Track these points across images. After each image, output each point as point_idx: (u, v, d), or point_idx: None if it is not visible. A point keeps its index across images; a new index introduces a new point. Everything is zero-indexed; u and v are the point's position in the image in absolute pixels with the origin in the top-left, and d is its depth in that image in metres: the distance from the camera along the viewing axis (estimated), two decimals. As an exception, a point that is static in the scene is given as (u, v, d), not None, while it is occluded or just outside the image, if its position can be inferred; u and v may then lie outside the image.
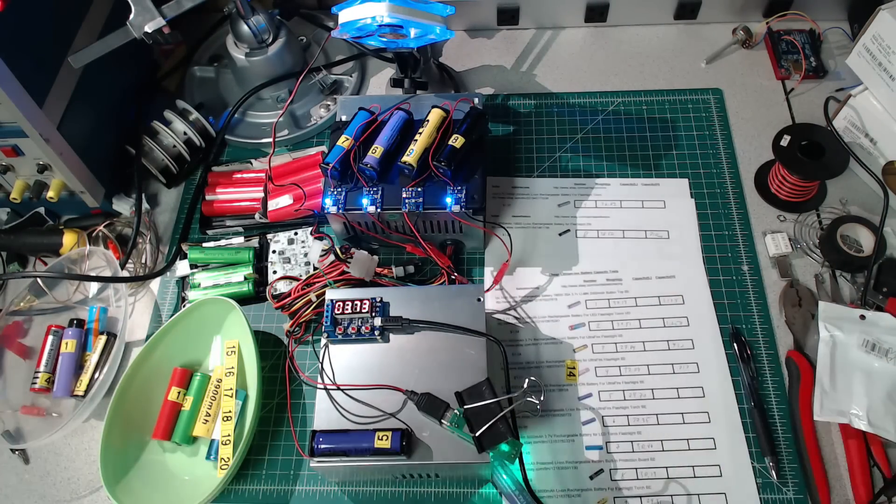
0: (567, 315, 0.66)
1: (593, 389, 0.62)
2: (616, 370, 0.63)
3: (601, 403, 0.62)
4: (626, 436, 0.60)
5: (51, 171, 0.68)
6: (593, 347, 0.64)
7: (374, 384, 0.56)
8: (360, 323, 0.58)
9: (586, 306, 0.66)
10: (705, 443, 0.59)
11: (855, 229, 0.67)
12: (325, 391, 0.56)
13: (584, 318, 0.66)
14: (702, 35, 0.84)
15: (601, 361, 0.64)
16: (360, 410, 0.55)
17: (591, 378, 0.63)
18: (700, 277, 0.67)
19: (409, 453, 0.53)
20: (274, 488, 0.61)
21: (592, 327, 0.65)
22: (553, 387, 0.63)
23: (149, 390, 0.64)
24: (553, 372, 0.63)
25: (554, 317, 0.66)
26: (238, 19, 0.75)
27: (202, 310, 0.66)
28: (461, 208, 0.62)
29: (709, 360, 0.63)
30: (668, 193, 0.72)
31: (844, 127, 0.71)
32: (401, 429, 0.53)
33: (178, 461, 0.62)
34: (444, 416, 0.53)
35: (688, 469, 0.58)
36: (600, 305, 0.66)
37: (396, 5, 0.61)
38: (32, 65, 0.62)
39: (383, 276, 0.67)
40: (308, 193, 0.72)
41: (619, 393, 0.62)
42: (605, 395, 0.62)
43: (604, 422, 0.61)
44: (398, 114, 0.66)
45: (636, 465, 0.59)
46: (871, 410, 0.57)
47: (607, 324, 0.65)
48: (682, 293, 0.66)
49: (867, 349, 0.59)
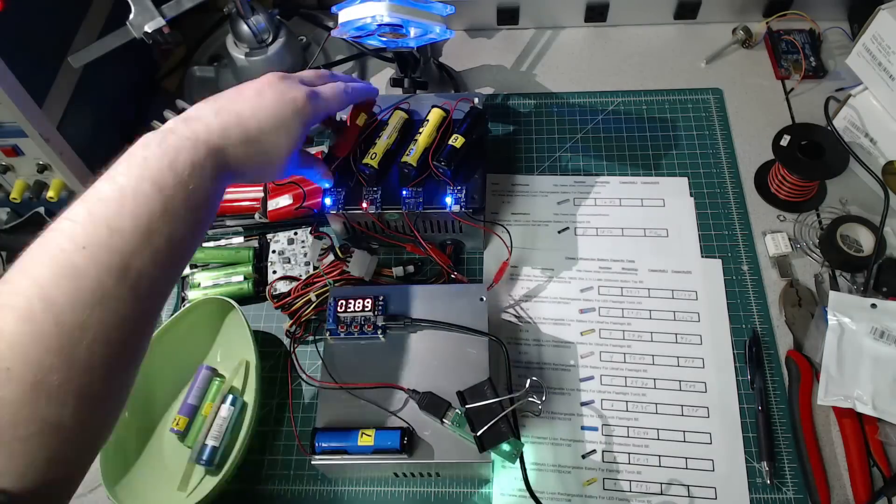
0: (578, 298, 0.67)
1: (595, 373, 0.63)
2: (620, 356, 0.64)
3: (602, 387, 0.63)
4: (623, 421, 0.61)
5: (51, 171, 0.68)
6: (601, 332, 0.65)
7: (376, 383, 0.56)
8: (362, 321, 0.58)
9: (598, 292, 0.67)
10: (701, 436, 0.60)
11: (855, 229, 0.67)
12: (328, 390, 0.56)
13: (594, 303, 0.67)
14: (702, 35, 0.84)
15: (606, 346, 0.64)
16: (362, 409, 0.55)
17: (594, 362, 0.64)
18: (714, 274, 0.67)
19: (410, 452, 0.53)
20: (274, 488, 0.61)
21: (602, 313, 0.66)
22: (557, 365, 0.64)
23: (148, 390, 0.64)
24: (556, 367, 0.63)
25: (559, 319, 0.66)
26: (238, 19, 0.75)
27: (201, 309, 0.66)
28: (461, 208, 0.62)
29: (715, 357, 0.63)
30: (667, 192, 0.72)
31: (844, 127, 0.71)
32: (401, 427, 0.53)
33: (177, 461, 0.62)
34: (445, 416, 0.53)
35: (681, 460, 0.59)
36: (612, 293, 0.67)
37: (396, 5, 0.61)
38: (32, 65, 0.62)
39: (383, 276, 0.67)
40: (308, 193, 0.72)
41: (620, 379, 0.63)
42: (607, 380, 0.63)
43: (602, 405, 0.62)
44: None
45: (629, 451, 0.60)
46: (877, 395, 0.57)
47: (617, 311, 0.66)
48: (696, 289, 0.67)
49: (876, 337, 0.60)
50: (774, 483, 0.57)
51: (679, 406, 0.61)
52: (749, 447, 0.59)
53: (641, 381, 0.62)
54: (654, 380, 0.62)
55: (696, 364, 0.63)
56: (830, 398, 0.58)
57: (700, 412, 0.61)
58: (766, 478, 0.57)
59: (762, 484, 0.57)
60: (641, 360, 0.63)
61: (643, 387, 0.62)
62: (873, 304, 0.61)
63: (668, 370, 0.63)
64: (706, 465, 0.58)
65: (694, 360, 0.63)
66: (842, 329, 0.61)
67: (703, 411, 0.61)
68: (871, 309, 0.61)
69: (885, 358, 0.59)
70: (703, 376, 0.62)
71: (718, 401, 0.61)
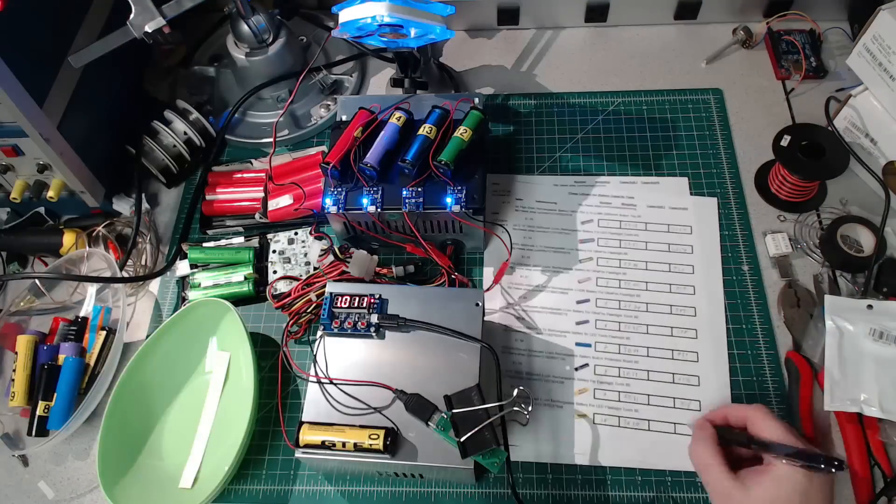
0: (576, 288, 0.68)
1: (591, 296, 0.67)
2: (616, 282, 0.68)
3: (597, 309, 0.66)
4: (615, 339, 0.65)
5: (51, 170, 0.68)
6: (598, 280, 0.68)
7: (365, 380, 0.56)
8: (356, 318, 0.58)
9: (597, 283, 0.68)
10: (689, 355, 0.63)
11: (855, 229, 0.67)
12: (317, 384, 0.57)
13: (590, 294, 0.68)
14: (702, 35, 0.84)
15: (603, 274, 0.69)
16: (349, 405, 0.56)
17: (591, 286, 0.68)
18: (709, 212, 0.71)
19: (394, 452, 0.53)
20: (274, 488, 0.61)
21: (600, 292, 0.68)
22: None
23: (146, 393, 0.64)
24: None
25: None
26: (238, 19, 0.75)
27: (198, 311, 0.66)
28: (461, 208, 0.62)
29: (705, 283, 0.66)
30: (667, 191, 0.72)
31: (845, 127, 0.71)
32: (385, 427, 0.53)
33: (175, 463, 0.62)
34: (430, 419, 0.53)
35: (668, 375, 0.63)
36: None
37: (396, 5, 0.60)
38: (32, 65, 0.62)
39: (383, 275, 0.67)
40: (308, 193, 0.72)
41: (614, 302, 0.66)
42: (602, 303, 0.67)
43: (596, 324, 0.65)
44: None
45: (619, 365, 0.63)
46: (883, 397, 0.57)
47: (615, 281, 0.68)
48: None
49: (875, 338, 0.59)
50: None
51: (669, 328, 0.65)
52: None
53: (634, 304, 0.66)
54: (647, 304, 0.66)
55: (687, 291, 0.67)
56: (837, 403, 0.58)
57: (689, 333, 0.64)
58: None
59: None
60: (635, 286, 0.67)
61: (637, 309, 0.66)
62: (869, 305, 0.61)
63: (660, 296, 0.67)
64: (692, 380, 0.62)
65: (684, 287, 0.67)
66: (840, 332, 0.60)
67: (692, 332, 0.64)
68: (868, 310, 0.61)
69: (887, 358, 0.59)
70: (692, 301, 0.66)
71: (705, 322, 0.65)
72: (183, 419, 0.64)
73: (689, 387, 0.62)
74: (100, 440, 0.60)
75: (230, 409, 0.63)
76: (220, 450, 0.61)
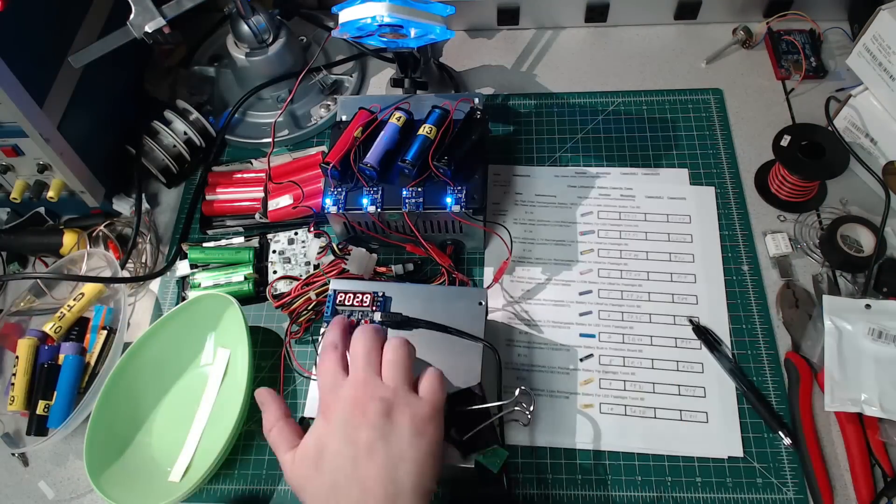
0: (578, 280, 0.69)
1: (594, 287, 0.68)
2: (617, 273, 0.68)
3: (600, 300, 0.67)
4: (618, 329, 0.65)
5: (51, 171, 0.68)
6: (599, 269, 0.69)
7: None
8: (360, 316, 0.58)
9: (598, 274, 0.68)
10: (692, 342, 0.64)
11: (855, 229, 0.67)
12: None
13: (593, 285, 0.68)
14: (702, 35, 0.84)
15: (604, 264, 0.69)
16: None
17: (593, 277, 0.68)
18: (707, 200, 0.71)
19: None
20: (275, 488, 0.61)
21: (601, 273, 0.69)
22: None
23: (140, 383, 0.64)
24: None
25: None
26: (238, 19, 0.75)
27: (200, 305, 0.66)
28: (461, 208, 0.62)
29: (705, 272, 0.67)
30: (666, 182, 0.73)
31: (845, 127, 0.71)
32: None
33: (165, 455, 0.62)
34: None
35: (672, 363, 0.63)
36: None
37: (396, 5, 0.61)
38: (32, 65, 0.62)
39: (383, 275, 0.67)
40: (308, 193, 0.72)
41: (617, 293, 0.67)
42: (605, 294, 0.67)
43: (599, 315, 0.66)
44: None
45: (624, 355, 0.64)
46: (883, 396, 0.57)
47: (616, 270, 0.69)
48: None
49: (874, 337, 0.59)
50: (780, 480, 0.57)
51: (672, 316, 0.65)
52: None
53: (636, 294, 0.67)
54: (649, 293, 0.67)
55: (688, 289, 0.67)
56: (837, 404, 0.58)
57: (690, 311, 0.65)
58: None
59: (769, 483, 0.57)
60: (637, 276, 0.67)
61: (638, 299, 0.66)
62: (868, 305, 0.61)
63: (662, 285, 0.67)
64: (696, 367, 0.63)
65: (687, 285, 0.67)
66: (839, 332, 0.60)
67: (694, 320, 0.65)
68: (866, 310, 0.61)
69: (886, 358, 0.59)
70: (693, 289, 0.67)
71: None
72: (177, 411, 0.64)
73: (692, 374, 0.62)
74: (88, 429, 0.60)
75: (226, 405, 0.63)
76: (212, 445, 0.61)
